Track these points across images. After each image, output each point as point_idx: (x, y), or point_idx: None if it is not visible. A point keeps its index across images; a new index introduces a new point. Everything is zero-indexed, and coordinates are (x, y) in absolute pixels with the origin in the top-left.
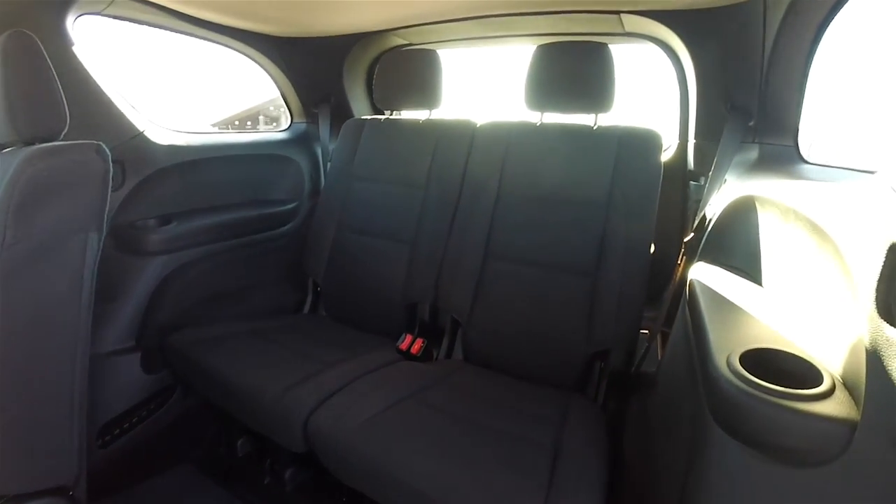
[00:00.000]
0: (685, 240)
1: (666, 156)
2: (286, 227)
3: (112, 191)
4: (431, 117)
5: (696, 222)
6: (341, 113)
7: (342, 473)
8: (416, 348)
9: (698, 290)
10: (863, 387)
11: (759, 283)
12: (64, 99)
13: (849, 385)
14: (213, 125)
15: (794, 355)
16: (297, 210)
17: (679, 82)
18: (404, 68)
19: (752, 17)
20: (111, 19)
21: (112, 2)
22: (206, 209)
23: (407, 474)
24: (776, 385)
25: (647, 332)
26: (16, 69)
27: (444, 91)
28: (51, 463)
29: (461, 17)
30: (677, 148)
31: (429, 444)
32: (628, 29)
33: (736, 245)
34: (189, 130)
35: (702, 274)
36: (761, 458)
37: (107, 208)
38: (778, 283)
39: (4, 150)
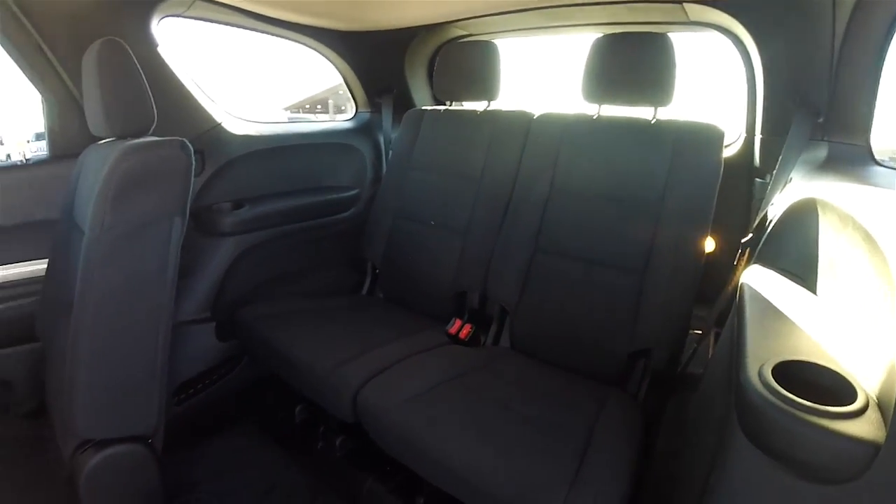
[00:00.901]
0: (743, 240)
1: (731, 151)
2: (348, 213)
3: (194, 177)
4: (490, 108)
5: (757, 222)
6: (404, 103)
7: (385, 444)
8: (464, 333)
9: (746, 294)
10: (892, 408)
11: (813, 291)
12: (152, 97)
13: (882, 406)
14: (286, 109)
15: (830, 370)
16: (359, 196)
17: (747, 74)
18: (463, 60)
19: (822, 9)
20: (192, 20)
21: (192, 4)
22: (275, 194)
23: (441, 452)
24: (805, 400)
25: (700, 332)
26: (109, 74)
27: (501, 82)
28: (134, 415)
29: (521, 7)
30: (744, 143)
31: (465, 426)
32: (692, 18)
33: (793, 249)
34: (261, 120)
35: (754, 277)
36: (782, 470)
37: (189, 196)
38: (830, 292)
39: (101, 143)
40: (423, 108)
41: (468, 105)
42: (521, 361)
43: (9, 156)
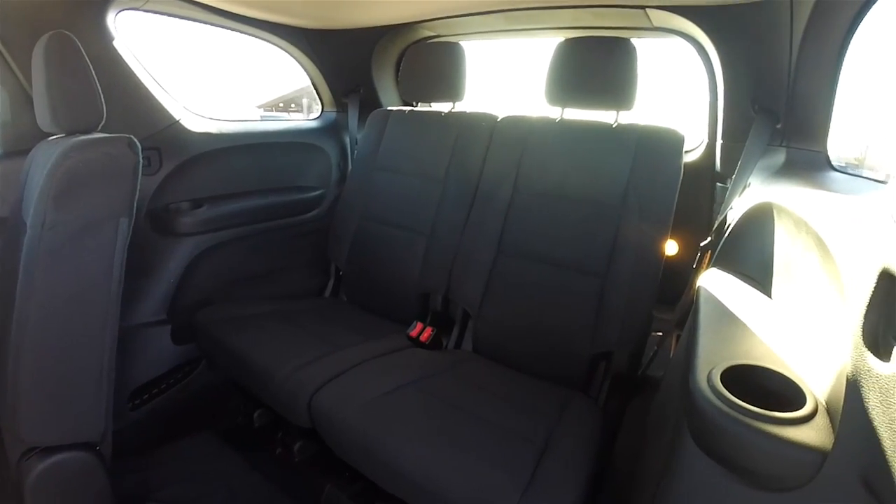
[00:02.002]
0: (702, 243)
1: (694, 156)
2: (312, 214)
3: (149, 175)
4: (455, 110)
5: (716, 226)
6: (370, 103)
7: (340, 450)
8: (425, 336)
9: (702, 297)
10: (840, 413)
11: (769, 295)
12: (101, 94)
13: (831, 411)
14: (260, 107)
15: (780, 374)
16: (324, 197)
17: (708, 80)
18: (429, 60)
19: (780, 16)
20: (151, 14)
21: None
22: (237, 194)
23: (396, 457)
24: (754, 404)
25: (661, 333)
26: (56, 68)
27: (467, 84)
28: (79, 420)
29: (487, 9)
30: (705, 148)
31: (422, 431)
32: (656, 24)
33: (750, 252)
34: (222, 118)
35: (711, 280)
36: (730, 476)
37: (136, 196)
38: (784, 297)
39: (50, 139)
40: (389, 108)
41: (435, 106)
42: (483, 365)
43: None
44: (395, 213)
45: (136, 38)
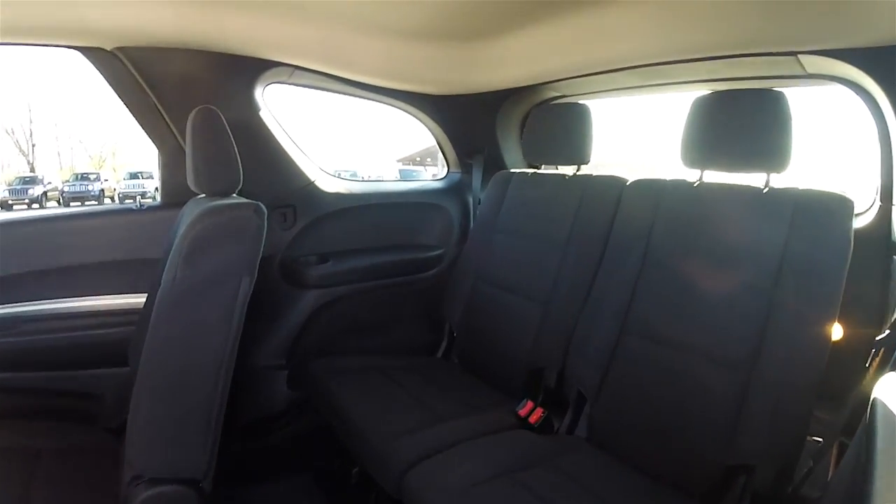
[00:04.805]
0: (878, 337)
1: (861, 222)
2: (432, 272)
3: (285, 230)
4: (580, 172)
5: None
6: (495, 164)
7: None
8: (534, 418)
9: (879, 422)
10: None
11: None
12: (239, 161)
13: None
14: (399, 160)
15: None
16: (444, 256)
17: (879, 131)
18: (553, 122)
19: None
20: (295, 86)
21: (293, 73)
22: (361, 250)
23: None
24: None
25: (819, 439)
26: (202, 137)
27: (593, 146)
28: (185, 457)
29: (615, 67)
30: (878, 212)
31: None
32: (810, 70)
33: None
34: (353, 178)
35: (892, 394)
36: None
37: (259, 256)
38: None
39: (199, 197)
40: (512, 170)
41: (560, 169)
42: (596, 459)
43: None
44: (510, 276)
45: (285, 104)
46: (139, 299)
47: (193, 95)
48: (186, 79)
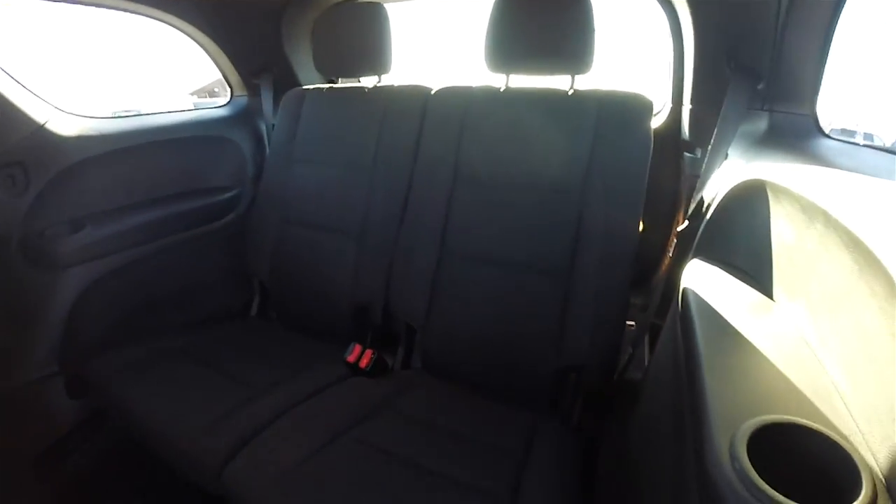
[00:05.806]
0: (678, 229)
1: (656, 123)
2: (227, 219)
3: (14, 197)
4: (381, 84)
5: (693, 207)
6: (287, 83)
7: None
8: (364, 362)
9: (693, 309)
10: None
11: (769, 295)
12: None
13: (892, 488)
14: (193, 93)
15: (822, 435)
16: (240, 198)
17: (673, 35)
18: (347, 27)
19: None
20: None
21: None
22: (129, 206)
23: None
24: (793, 488)
25: (632, 323)
26: None
27: (393, 52)
28: None
29: None
30: (669, 114)
31: (359, 500)
32: None
33: (740, 240)
34: (102, 115)
35: (697, 279)
36: None
37: None
38: (795, 302)
39: None
40: (305, 87)
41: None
42: (433, 390)
43: None
44: (317, 212)
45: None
46: None
47: None
48: None
